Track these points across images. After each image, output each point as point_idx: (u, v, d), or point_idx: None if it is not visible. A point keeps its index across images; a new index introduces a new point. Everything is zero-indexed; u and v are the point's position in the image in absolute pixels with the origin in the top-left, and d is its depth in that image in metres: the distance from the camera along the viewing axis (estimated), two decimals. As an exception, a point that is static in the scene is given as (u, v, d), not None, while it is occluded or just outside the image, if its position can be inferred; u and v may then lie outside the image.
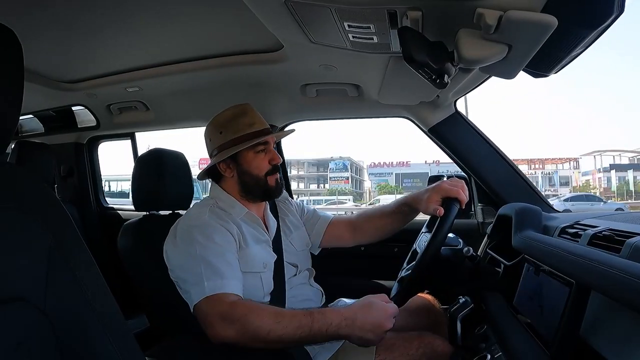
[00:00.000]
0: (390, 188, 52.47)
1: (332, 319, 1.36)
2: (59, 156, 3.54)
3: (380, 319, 1.40)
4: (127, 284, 1.84)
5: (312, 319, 1.35)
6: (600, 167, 49.18)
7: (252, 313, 1.35)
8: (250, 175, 1.71)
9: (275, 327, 1.32)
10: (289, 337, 1.33)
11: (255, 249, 1.64)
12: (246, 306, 1.38)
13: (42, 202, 0.92)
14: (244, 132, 1.70)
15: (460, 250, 1.69)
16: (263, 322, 1.32)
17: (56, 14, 1.76)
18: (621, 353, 0.97)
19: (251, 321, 1.32)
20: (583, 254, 1.06)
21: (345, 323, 1.36)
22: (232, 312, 1.34)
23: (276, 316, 1.35)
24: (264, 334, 1.31)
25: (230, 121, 1.72)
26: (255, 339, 1.32)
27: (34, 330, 0.83)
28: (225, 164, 1.72)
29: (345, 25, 1.36)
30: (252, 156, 1.71)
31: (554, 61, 1.33)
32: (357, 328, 1.37)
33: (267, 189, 1.74)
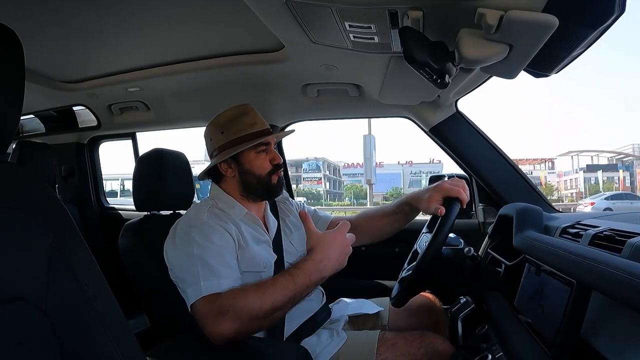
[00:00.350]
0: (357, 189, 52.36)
1: (309, 267, 1.43)
2: (60, 156, 3.55)
3: (342, 242, 1.52)
4: (128, 284, 1.84)
5: (292, 276, 1.40)
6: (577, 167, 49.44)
7: (237, 296, 1.36)
8: (253, 175, 1.71)
9: (263, 299, 1.34)
10: (280, 302, 1.35)
11: (255, 249, 1.64)
12: (230, 294, 1.39)
13: (43, 202, 0.92)
14: (246, 132, 1.70)
15: (461, 250, 1.70)
16: (250, 300, 1.34)
17: (57, 14, 1.76)
18: (622, 353, 0.97)
19: (240, 304, 1.33)
20: (584, 254, 1.06)
21: (323, 264, 1.45)
22: (221, 305, 1.35)
23: (259, 289, 1.37)
24: (257, 309, 1.33)
25: (231, 121, 1.72)
26: (251, 319, 1.33)
27: (34, 330, 0.83)
28: (226, 164, 1.72)
29: (346, 25, 1.36)
30: (254, 156, 1.71)
31: (554, 61, 1.33)
32: (333, 260, 1.47)
33: (269, 188, 1.74)
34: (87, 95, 2.76)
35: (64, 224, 0.93)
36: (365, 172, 33.07)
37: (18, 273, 0.83)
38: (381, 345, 1.59)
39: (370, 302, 1.99)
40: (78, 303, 0.89)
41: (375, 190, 49.90)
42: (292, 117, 2.83)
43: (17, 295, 0.82)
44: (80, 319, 0.89)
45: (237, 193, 1.74)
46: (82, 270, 0.91)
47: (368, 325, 1.91)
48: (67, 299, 0.87)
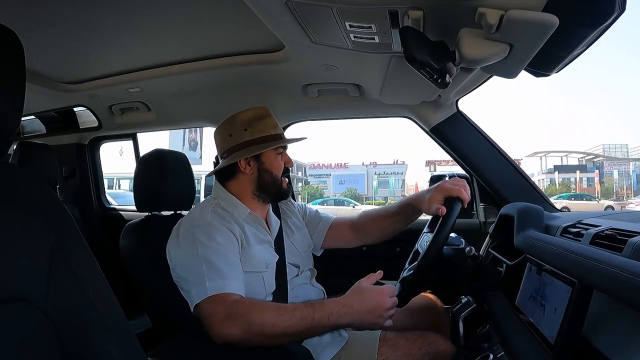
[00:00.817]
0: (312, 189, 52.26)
1: (331, 307, 1.39)
2: (61, 157, 3.55)
3: (377, 300, 1.43)
4: (129, 284, 1.84)
5: (314, 309, 1.38)
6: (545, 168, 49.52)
7: (255, 309, 1.36)
8: (271, 175, 1.75)
9: (278, 320, 1.34)
10: (292, 330, 1.34)
11: (257, 249, 1.64)
12: (248, 303, 1.39)
13: (44, 202, 0.92)
14: (270, 133, 1.74)
15: (463, 250, 1.70)
16: (266, 317, 1.34)
17: (57, 15, 1.76)
18: (624, 352, 0.97)
19: (254, 317, 1.33)
20: (585, 253, 1.06)
21: (345, 310, 1.39)
22: (235, 310, 1.35)
23: (278, 310, 1.37)
24: (269, 328, 1.33)
25: (255, 120, 1.74)
26: (259, 334, 1.33)
27: (35, 331, 0.83)
28: (245, 161, 1.73)
29: (347, 25, 1.36)
30: (274, 157, 1.75)
31: (555, 60, 1.33)
32: (356, 313, 1.40)
33: (280, 190, 1.78)
34: (87, 96, 2.76)
35: (64, 225, 0.93)
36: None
37: (19, 273, 0.83)
38: (382, 345, 1.59)
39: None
40: (79, 303, 0.89)
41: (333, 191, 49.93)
42: (292, 117, 2.83)
43: (17, 295, 0.82)
44: (81, 319, 0.89)
45: (247, 192, 1.76)
46: (83, 270, 0.91)
47: (369, 324, 1.91)
48: (68, 299, 0.87)
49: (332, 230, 2.02)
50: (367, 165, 52.05)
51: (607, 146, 56.24)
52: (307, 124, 2.91)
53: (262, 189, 1.76)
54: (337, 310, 1.39)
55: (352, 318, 1.39)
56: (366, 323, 1.41)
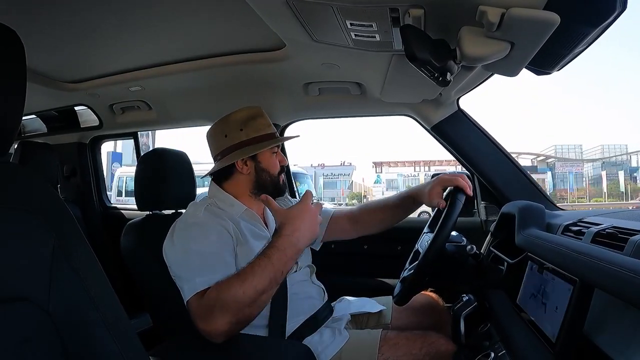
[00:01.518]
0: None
1: (283, 244, 1.46)
2: (62, 156, 3.56)
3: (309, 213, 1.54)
4: (130, 283, 1.84)
5: (268, 256, 1.43)
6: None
7: (221, 289, 1.38)
8: (268, 173, 1.77)
9: (244, 285, 1.36)
10: (262, 285, 1.38)
11: (254, 245, 1.65)
12: (213, 288, 1.41)
13: (45, 201, 0.92)
14: (265, 132, 1.76)
15: (464, 248, 1.70)
16: (233, 290, 1.36)
17: (58, 14, 1.76)
18: (625, 351, 0.97)
19: (224, 296, 1.35)
20: (586, 251, 1.06)
21: (296, 237, 1.48)
22: (207, 302, 1.37)
23: (239, 276, 1.40)
24: (241, 297, 1.34)
25: (249, 120, 1.75)
26: (238, 308, 1.34)
27: (37, 330, 0.83)
28: (242, 162, 1.74)
29: (348, 23, 1.36)
30: (269, 156, 1.77)
31: (556, 58, 1.33)
32: (305, 232, 1.50)
33: (278, 187, 1.80)
34: (88, 95, 2.76)
35: (66, 224, 0.93)
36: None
37: (20, 273, 0.83)
38: (383, 344, 1.59)
39: (372, 300, 1.99)
40: (80, 302, 0.89)
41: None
42: (293, 116, 2.83)
43: (19, 294, 0.82)
44: (83, 319, 0.89)
45: (244, 191, 1.78)
46: (85, 269, 0.91)
47: (370, 323, 1.91)
48: (70, 298, 0.87)
49: (331, 223, 2.04)
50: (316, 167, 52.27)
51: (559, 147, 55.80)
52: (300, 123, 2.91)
53: (260, 188, 1.77)
54: (287, 241, 1.46)
55: (304, 240, 1.50)
56: (313, 235, 1.54)
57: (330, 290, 1.92)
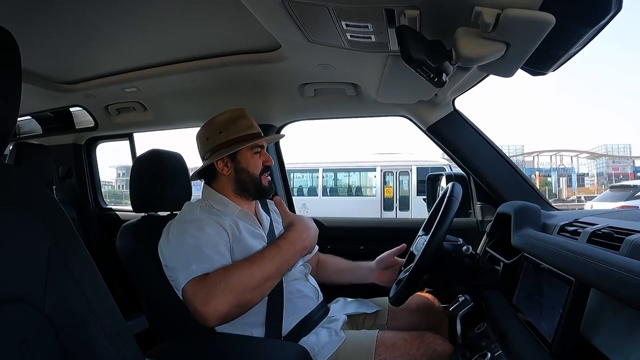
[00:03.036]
0: None
1: (293, 236, 1.59)
2: (57, 157, 3.54)
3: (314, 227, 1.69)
4: (126, 284, 1.84)
5: (278, 246, 1.55)
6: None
7: (228, 271, 1.42)
8: (247, 173, 1.78)
9: (253, 268, 1.42)
10: (269, 272, 1.46)
11: (250, 242, 1.67)
12: (220, 270, 1.43)
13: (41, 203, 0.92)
14: (245, 133, 1.78)
15: (460, 249, 1.70)
16: (241, 272, 1.41)
17: (54, 15, 1.76)
18: (621, 350, 0.97)
19: (231, 277, 1.39)
20: (582, 251, 1.06)
21: (305, 234, 1.62)
22: (212, 282, 1.38)
23: (248, 260, 1.47)
24: (248, 279, 1.40)
25: (230, 122, 1.79)
26: (244, 290, 1.38)
27: (34, 331, 0.83)
28: (222, 162, 1.78)
29: (343, 24, 1.36)
30: (250, 156, 1.79)
31: (552, 59, 1.33)
32: (309, 237, 1.63)
33: (260, 188, 1.82)
34: (84, 96, 2.76)
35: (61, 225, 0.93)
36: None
37: (17, 274, 0.83)
38: (380, 345, 1.59)
39: (369, 301, 2.00)
40: (76, 304, 0.89)
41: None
42: (289, 117, 2.83)
43: (16, 295, 0.82)
44: (79, 320, 0.89)
45: (229, 191, 1.80)
46: (80, 271, 0.91)
47: (367, 324, 1.92)
48: (66, 299, 0.88)
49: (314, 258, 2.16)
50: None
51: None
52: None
53: (242, 188, 1.80)
54: (298, 235, 1.59)
55: (310, 238, 1.63)
56: (313, 243, 1.65)
57: (326, 290, 1.92)
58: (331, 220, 2.85)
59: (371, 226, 2.35)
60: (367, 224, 2.89)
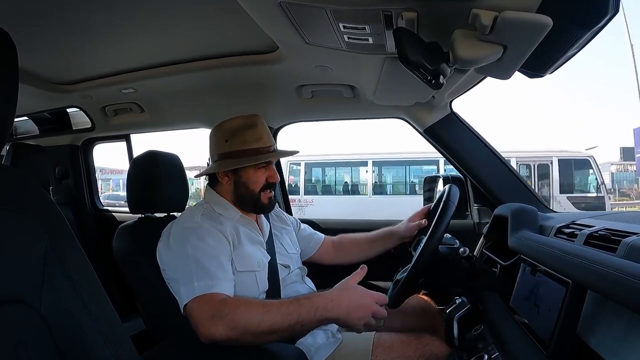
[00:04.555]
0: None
1: (318, 302, 1.38)
2: (54, 158, 3.54)
3: (365, 300, 1.44)
4: (122, 286, 1.84)
5: (300, 305, 1.37)
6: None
7: (241, 306, 1.36)
8: (247, 189, 1.73)
9: (264, 317, 1.33)
10: (279, 326, 1.33)
11: (250, 249, 1.66)
12: (234, 301, 1.39)
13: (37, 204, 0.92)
14: (250, 147, 1.70)
15: (457, 251, 1.70)
16: (252, 314, 1.33)
17: (51, 16, 1.76)
18: (618, 352, 0.97)
19: (240, 315, 1.33)
20: (579, 253, 1.07)
21: (332, 305, 1.38)
22: (221, 309, 1.35)
23: (264, 307, 1.37)
24: (255, 325, 1.32)
25: (237, 131, 1.72)
26: (246, 332, 1.32)
27: (30, 332, 0.83)
28: (223, 173, 1.74)
29: (341, 26, 1.36)
30: (253, 172, 1.73)
31: (549, 61, 1.34)
32: (343, 308, 1.39)
33: (259, 205, 1.76)
34: (81, 97, 2.75)
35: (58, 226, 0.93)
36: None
37: (13, 275, 0.83)
38: (377, 347, 1.59)
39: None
40: (73, 305, 0.89)
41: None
42: (286, 118, 2.83)
43: (12, 296, 0.82)
44: (75, 321, 0.88)
45: (229, 199, 1.76)
46: (77, 272, 0.91)
47: (364, 326, 1.91)
48: (62, 301, 0.87)
49: (320, 249, 2.12)
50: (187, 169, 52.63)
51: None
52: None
53: (240, 201, 1.76)
54: (324, 304, 1.38)
55: (338, 313, 1.38)
56: (351, 319, 1.40)
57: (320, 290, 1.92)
58: (328, 221, 2.85)
59: (368, 228, 2.34)
60: (364, 225, 2.88)
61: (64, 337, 0.86)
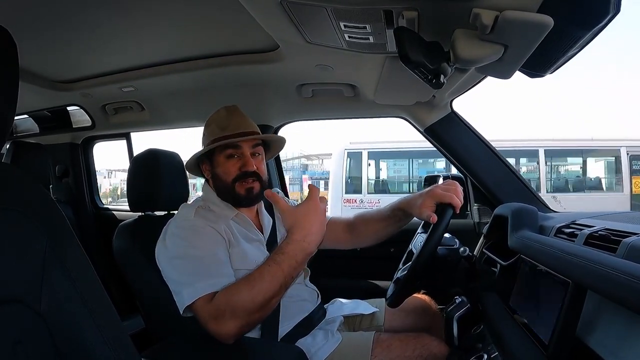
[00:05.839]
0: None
1: (292, 250, 1.43)
2: (54, 156, 3.55)
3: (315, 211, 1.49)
4: (122, 284, 1.84)
5: (278, 263, 1.40)
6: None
7: (230, 295, 1.37)
8: (220, 180, 1.71)
9: (253, 292, 1.35)
10: (271, 291, 1.37)
11: (246, 247, 1.65)
12: (222, 294, 1.39)
13: (37, 202, 0.92)
14: (215, 137, 1.70)
15: (457, 250, 1.70)
16: (242, 296, 1.35)
17: (51, 14, 1.75)
18: (617, 352, 0.97)
19: (233, 302, 1.35)
20: (579, 253, 1.07)
21: (306, 243, 1.44)
22: (216, 308, 1.36)
23: (248, 282, 1.38)
24: (250, 303, 1.34)
25: (211, 121, 1.76)
26: (248, 314, 1.35)
27: (29, 331, 0.83)
28: (204, 166, 1.76)
29: (341, 25, 1.36)
30: (223, 161, 1.70)
31: (549, 61, 1.34)
32: (313, 240, 1.45)
33: (235, 196, 1.71)
34: (81, 96, 2.75)
35: (58, 225, 0.92)
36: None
37: (12, 274, 0.83)
38: (376, 346, 1.59)
39: (365, 302, 1.99)
40: (72, 304, 0.88)
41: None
42: (286, 117, 2.83)
43: (11, 296, 0.82)
44: (75, 320, 0.88)
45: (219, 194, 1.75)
46: (76, 271, 0.91)
47: (363, 325, 1.91)
48: (61, 299, 0.87)
49: (327, 231, 2.00)
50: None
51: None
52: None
53: (220, 194, 1.74)
54: (298, 247, 1.43)
55: (314, 241, 1.46)
56: (322, 236, 1.49)
57: (323, 292, 1.92)
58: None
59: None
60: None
61: (63, 336, 0.86)
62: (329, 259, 2.57)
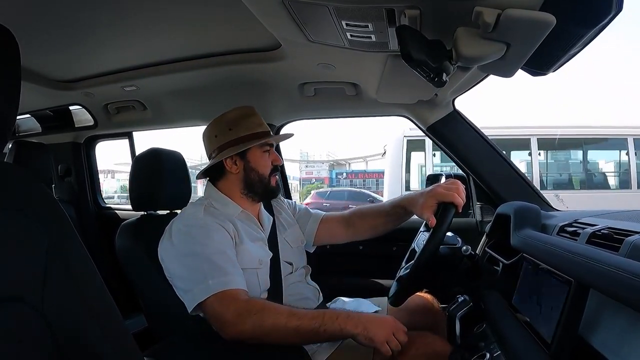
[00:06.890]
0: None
1: (340, 312, 1.46)
2: (57, 156, 3.55)
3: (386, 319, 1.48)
4: (124, 284, 1.84)
5: (323, 312, 1.44)
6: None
7: (268, 309, 1.41)
8: (257, 173, 1.76)
9: (290, 319, 1.39)
10: (304, 328, 1.39)
11: (250, 246, 1.66)
12: (261, 302, 1.44)
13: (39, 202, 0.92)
14: (255, 131, 1.76)
15: (459, 249, 1.69)
16: (279, 316, 1.39)
17: (53, 13, 1.76)
18: (620, 351, 0.97)
19: (267, 314, 1.39)
20: (582, 252, 1.06)
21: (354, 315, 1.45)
22: (247, 309, 1.39)
23: (290, 310, 1.43)
24: (281, 326, 1.37)
25: (240, 119, 1.77)
26: (272, 331, 1.37)
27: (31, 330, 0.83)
28: (231, 160, 1.75)
29: (343, 23, 1.36)
30: (260, 154, 1.77)
31: (552, 59, 1.33)
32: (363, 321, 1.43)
33: (268, 188, 1.79)
34: (83, 95, 2.75)
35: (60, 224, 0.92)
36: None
37: (14, 273, 0.83)
38: (377, 346, 1.59)
39: (368, 301, 1.99)
40: (74, 303, 0.88)
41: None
42: (288, 116, 2.83)
43: (13, 294, 0.82)
44: (77, 319, 0.88)
45: (236, 191, 1.77)
46: (79, 270, 0.91)
47: (365, 324, 1.91)
48: (64, 299, 0.87)
49: (322, 226, 2.03)
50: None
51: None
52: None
53: (250, 188, 1.77)
54: (345, 314, 1.44)
55: (357, 322, 1.42)
56: (371, 332, 1.41)
57: (325, 291, 1.92)
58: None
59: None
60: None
61: (65, 335, 0.86)
62: (331, 257, 2.57)
